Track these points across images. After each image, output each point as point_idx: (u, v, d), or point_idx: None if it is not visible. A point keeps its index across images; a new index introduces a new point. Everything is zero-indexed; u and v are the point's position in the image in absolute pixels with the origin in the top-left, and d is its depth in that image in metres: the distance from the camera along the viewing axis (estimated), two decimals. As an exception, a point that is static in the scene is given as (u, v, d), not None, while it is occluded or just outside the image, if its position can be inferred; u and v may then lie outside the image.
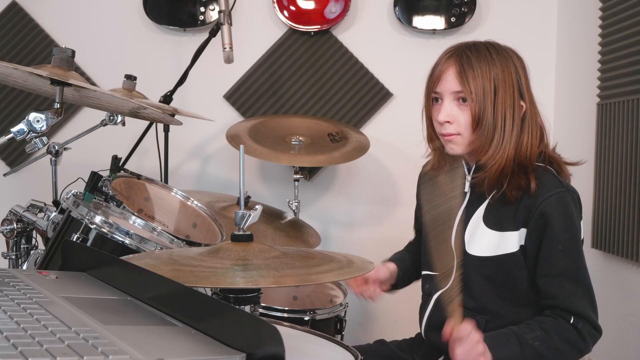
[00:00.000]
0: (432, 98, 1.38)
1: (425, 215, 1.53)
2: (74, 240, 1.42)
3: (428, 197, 1.54)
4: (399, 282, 1.59)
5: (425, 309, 1.47)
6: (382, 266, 1.56)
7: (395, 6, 2.66)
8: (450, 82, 1.32)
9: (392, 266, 1.57)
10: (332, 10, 2.66)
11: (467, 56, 1.32)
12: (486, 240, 1.35)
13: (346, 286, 1.56)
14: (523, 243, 1.31)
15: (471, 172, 1.40)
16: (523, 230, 1.31)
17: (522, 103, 1.33)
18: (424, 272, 1.52)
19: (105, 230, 1.43)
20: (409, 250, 1.69)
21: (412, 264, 1.62)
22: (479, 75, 1.29)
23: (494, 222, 1.35)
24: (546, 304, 1.30)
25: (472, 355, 1.18)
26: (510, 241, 1.32)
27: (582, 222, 1.33)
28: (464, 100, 1.32)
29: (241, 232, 1.09)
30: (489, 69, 1.30)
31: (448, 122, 1.34)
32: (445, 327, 1.20)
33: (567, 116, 2.61)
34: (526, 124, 1.33)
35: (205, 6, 2.69)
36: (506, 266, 1.33)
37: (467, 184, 1.41)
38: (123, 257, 1.12)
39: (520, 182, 1.30)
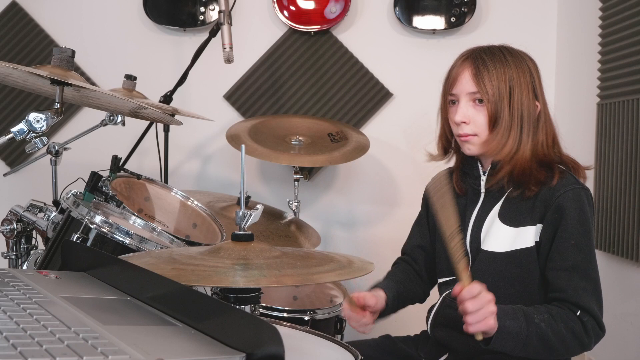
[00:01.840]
0: (448, 100, 1.41)
1: (438, 221, 1.53)
2: (74, 240, 1.42)
3: (441, 202, 1.53)
4: (386, 311, 1.47)
5: (433, 307, 1.47)
6: (376, 296, 1.43)
7: (395, 6, 2.66)
8: (466, 84, 1.36)
9: (382, 295, 1.46)
10: (332, 10, 2.66)
11: (482, 58, 1.35)
12: (501, 236, 1.36)
13: (343, 315, 1.46)
14: (538, 239, 1.32)
15: (486, 174, 1.41)
16: (539, 226, 1.32)
17: (537, 103, 1.36)
18: (440, 280, 1.51)
19: (105, 230, 1.43)
20: (393, 279, 1.56)
21: (397, 293, 1.50)
22: (494, 77, 1.33)
23: (510, 218, 1.36)
24: (554, 297, 1.30)
25: (484, 311, 1.16)
26: (527, 236, 1.33)
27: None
28: (480, 101, 1.35)
29: (242, 232, 1.09)
30: (504, 70, 1.33)
31: (464, 122, 1.36)
32: (456, 286, 1.18)
33: (567, 116, 2.61)
34: (541, 124, 1.36)
35: (205, 6, 2.69)
36: (520, 262, 1.34)
37: (482, 185, 1.42)
38: (123, 256, 1.12)
39: (539, 177, 1.33)
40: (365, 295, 1.41)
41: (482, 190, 1.43)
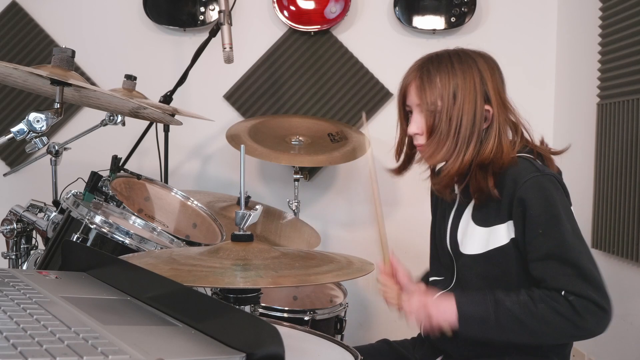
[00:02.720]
0: (406, 110, 1.42)
1: (431, 222, 1.56)
2: (74, 240, 1.42)
3: (434, 204, 1.56)
4: None
5: None
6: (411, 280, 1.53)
7: (395, 6, 2.66)
8: (413, 96, 1.37)
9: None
10: (332, 10, 2.66)
11: (427, 69, 1.35)
12: (477, 238, 1.36)
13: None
14: (514, 235, 1.31)
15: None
16: (510, 223, 1.31)
17: (487, 107, 1.34)
18: (431, 279, 1.52)
19: (105, 230, 1.43)
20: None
21: None
22: (436, 87, 1.32)
23: (482, 218, 1.36)
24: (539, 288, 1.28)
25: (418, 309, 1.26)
26: (500, 234, 1.32)
27: (581, 225, 1.32)
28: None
29: (241, 232, 1.09)
30: (448, 80, 1.32)
31: (417, 134, 1.37)
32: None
33: (567, 116, 2.61)
34: (493, 128, 1.34)
35: (205, 6, 2.69)
36: (498, 261, 1.33)
37: (456, 187, 1.42)
38: (122, 257, 1.12)
39: (479, 184, 1.32)
40: (399, 269, 1.46)
41: (457, 191, 1.43)
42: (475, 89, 1.32)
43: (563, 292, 1.22)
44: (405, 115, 1.42)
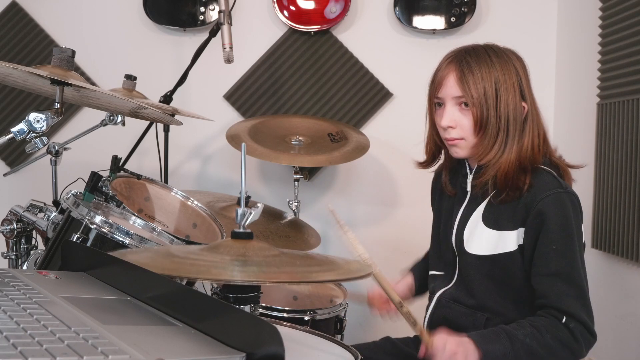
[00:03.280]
0: (434, 103, 1.40)
1: (433, 216, 1.56)
2: (74, 240, 1.42)
3: (437, 199, 1.56)
4: (417, 291, 1.66)
5: (428, 307, 1.48)
6: (400, 283, 1.64)
7: (395, 6, 2.66)
8: (451, 88, 1.34)
9: (410, 280, 1.65)
10: (332, 10, 2.66)
11: (467, 61, 1.33)
12: (485, 239, 1.36)
13: (370, 308, 1.65)
14: (521, 242, 1.31)
15: (472, 172, 1.41)
16: (521, 230, 1.31)
17: (523, 104, 1.34)
18: (430, 272, 1.53)
19: (105, 230, 1.43)
20: (421, 266, 1.70)
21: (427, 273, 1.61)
22: (479, 80, 1.31)
23: (493, 221, 1.36)
24: (539, 304, 1.30)
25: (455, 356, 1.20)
26: (509, 240, 1.32)
27: (582, 226, 1.33)
28: (466, 104, 1.33)
29: (241, 230, 1.09)
30: (490, 73, 1.31)
31: (451, 127, 1.35)
32: (421, 348, 1.24)
33: (567, 116, 2.61)
34: (528, 125, 1.34)
35: (205, 6, 2.69)
36: (504, 264, 1.33)
37: (469, 184, 1.42)
38: (120, 251, 1.12)
39: (518, 183, 1.31)
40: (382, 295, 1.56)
41: (469, 188, 1.43)
42: (514, 84, 1.32)
43: (564, 319, 1.24)
44: (432, 108, 1.41)
